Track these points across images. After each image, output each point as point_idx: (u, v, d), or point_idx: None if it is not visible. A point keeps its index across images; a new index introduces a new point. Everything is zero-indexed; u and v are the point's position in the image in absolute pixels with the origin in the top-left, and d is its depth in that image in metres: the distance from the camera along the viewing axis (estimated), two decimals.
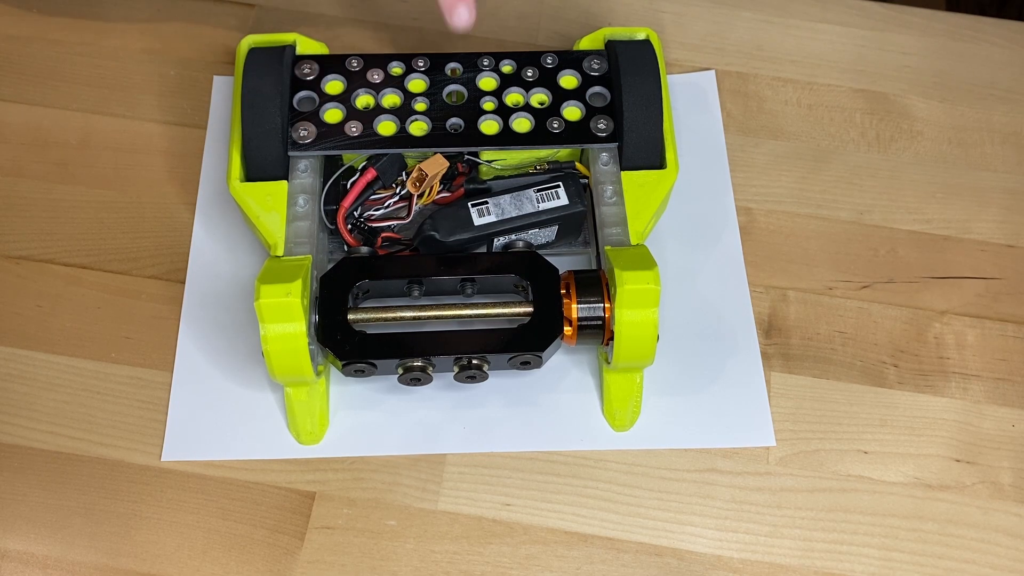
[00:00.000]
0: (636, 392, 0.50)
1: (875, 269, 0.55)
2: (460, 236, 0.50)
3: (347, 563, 0.47)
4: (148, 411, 0.50)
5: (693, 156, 0.57)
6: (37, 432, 0.50)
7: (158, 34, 0.61)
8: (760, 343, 0.53)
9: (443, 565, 0.47)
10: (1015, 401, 0.52)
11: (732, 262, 0.55)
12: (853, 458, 0.51)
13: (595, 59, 0.54)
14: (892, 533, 0.49)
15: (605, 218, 0.50)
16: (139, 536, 0.48)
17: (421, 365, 0.47)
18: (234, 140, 0.51)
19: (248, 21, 0.62)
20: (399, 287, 0.49)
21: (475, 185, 0.52)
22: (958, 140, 0.60)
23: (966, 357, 0.53)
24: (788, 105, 0.60)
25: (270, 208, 0.49)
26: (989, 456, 0.51)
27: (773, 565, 0.48)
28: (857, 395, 0.52)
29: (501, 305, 0.48)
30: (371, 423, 0.50)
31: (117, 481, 0.49)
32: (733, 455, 0.50)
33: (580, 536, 0.48)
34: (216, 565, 0.47)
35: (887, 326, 0.54)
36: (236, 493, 0.49)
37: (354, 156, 0.52)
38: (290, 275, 0.45)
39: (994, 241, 0.56)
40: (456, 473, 0.49)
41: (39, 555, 0.47)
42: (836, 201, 0.57)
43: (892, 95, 0.61)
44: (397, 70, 0.53)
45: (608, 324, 0.47)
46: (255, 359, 0.51)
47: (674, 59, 0.61)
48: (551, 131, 0.52)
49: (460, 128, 0.52)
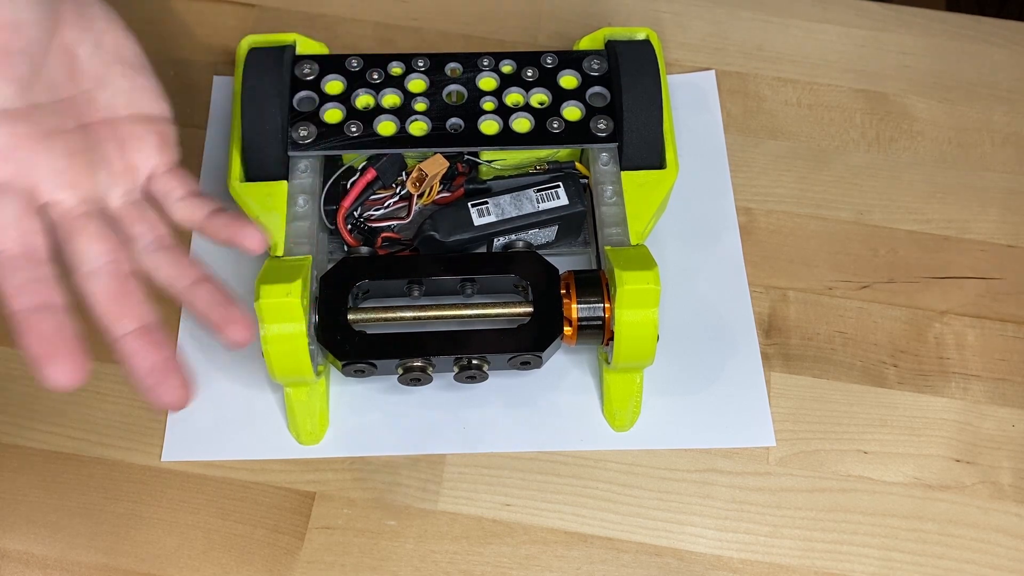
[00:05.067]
0: (636, 392, 0.50)
1: (875, 269, 0.55)
2: (460, 236, 0.50)
3: (347, 563, 0.47)
4: (148, 411, 0.50)
5: (693, 156, 0.57)
6: (37, 432, 0.50)
7: (158, 34, 0.61)
8: (760, 343, 0.53)
9: (443, 565, 0.47)
10: (1015, 401, 0.52)
11: (732, 262, 0.55)
12: (853, 458, 0.51)
13: (595, 59, 0.54)
14: (892, 533, 0.49)
15: (605, 218, 0.50)
16: (139, 536, 0.48)
17: (421, 365, 0.47)
18: (234, 140, 0.51)
19: (248, 21, 0.62)
20: (399, 287, 0.49)
21: (475, 185, 0.52)
22: (958, 140, 0.60)
23: (966, 357, 0.53)
24: (788, 105, 0.60)
25: (270, 208, 0.49)
26: (989, 456, 0.51)
27: (773, 565, 0.48)
28: (857, 395, 0.52)
29: (501, 305, 0.48)
30: (371, 423, 0.50)
31: (117, 481, 0.49)
32: (733, 455, 0.50)
33: (580, 536, 0.48)
34: (216, 565, 0.47)
35: (887, 326, 0.54)
36: (236, 493, 0.49)
37: (354, 156, 0.52)
38: (290, 275, 0.45)
39: (994, 241, 0.56)
40: (456, 473, 0.49)
41: (39, 555, 0.47)
42: (836, 201, 0.57)
43: (892, 95, 0.61)
44: (397, 70, 0.53)
45: (608, 324, 0.47)
46: (255, 359, 0.51)
47: (674, 59, 0.61)
48: (551, 131, 0.52)
49: (460, 128, 0.52)
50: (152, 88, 0.44)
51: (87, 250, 0.39)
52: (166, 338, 0.39)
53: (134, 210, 0.41)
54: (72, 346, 0.36)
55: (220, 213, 0.42)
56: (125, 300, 0.39)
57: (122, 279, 0.39)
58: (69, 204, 0.40)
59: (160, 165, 0.43)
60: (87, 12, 0.42)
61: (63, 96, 0.41)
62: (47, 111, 0.40)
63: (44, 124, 0.40)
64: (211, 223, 0.42)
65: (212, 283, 0.40)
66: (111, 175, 0.41)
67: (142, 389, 0.38)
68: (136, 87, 0.43)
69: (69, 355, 0.36)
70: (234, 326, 0.39)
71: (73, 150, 0.40)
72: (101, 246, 0.39)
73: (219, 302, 0.40)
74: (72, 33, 0.41)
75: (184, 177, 0.43)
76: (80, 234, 0.39)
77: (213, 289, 0.40)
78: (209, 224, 0.42)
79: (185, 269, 0.41)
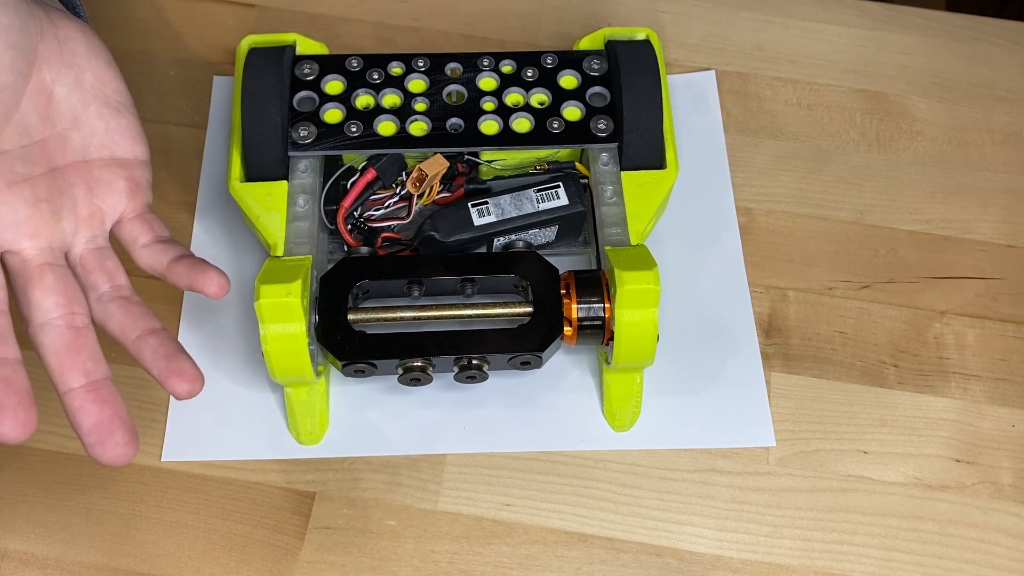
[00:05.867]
0: (636, 392, 0.50)
1: (875, 269, 0.55)
2: (460, 236, 0.50)
3: (347, 563, 0.47)
4: (148, 411, 0.50)
5: (693, 156, 0.58)
6: (37, 432, 0.49)
7: (158, 34, 0.61)
8: (760, 343, 0.53)
9: (443, 565, 0.47)
10: (1015, 401, 0.52)
11: (732, 262, 0.55)
12: (853, 458, 0.51)
13: (595, 59, 0.54)
14: (892, 533, 0.49)
15: (605, 218, 0.50)
16: (139, 536, 0.48)
17: (421, 365, 0.47)
18: (234, 140, 0.51)
19: (248, 21, 0.62)
20: (399, 287, 0.49)
21: (475, 185, 0.52)
22: (958, 140, 0.60)
23: (966, 357, 0.53)
24: (788, 105, 0.60)
25: (270, 208, 0.49)
26: (989, 456, 0.51)
27: (773, 565, 0.48)
28: (857, 395, 0.52)
29: (501, 305, 0.48)
30: (371, 423, 0.50)
31: (117, 481, 0.49)
32: (733, 455, 0.50)
33: (580, 536, 0.48)
34: (216, 565, 0.47)
35: (887, 326, 0.54)
36: (236, 493, 0.49)
37: (354, 156, 0.52)
38: (290, 275, 0.45)
39: (994, 241, 0.56)
40: (456, 473, 0.50)
41: (39, 555, 0.47)
42: (836, 201, 0.57)
43: (892, 95, 0.61)
44: (397, 70, 0.53)
45: (608, 324, 0.47)
46: (255, 359, 0.51)
47: (674, 59, 0.61)
48: (551, 131, 0.52)
49: (460, 128, 0.52)
50: (130, 129, 0.43)
51: (42, 302, 0.38)
52: (113, 394, 0.38)
53: (95, 257, 0.41)
54: (21, 401, 0.36)
55: (183, 260, 0.41)
56: (75, 354, 0.38)
57: (75, 333, 0.38)
58: (29, 254, 0.39)
59: (129, 211, 0.42)
60: (68, 47, 0.41)
61: (35, 139, 0.40)
62: (15, 157, 0.39)
63: (10, 172, 0.39)
64: (173, 269, 0.41)
65: (160, 336, 0.40)
66: (76, 221, 0.40)
67: (85, 445, 0.38)
68: (112, 128, 0.42)
69: (14, 410, 0.36)
70: (178, 378, 0.39)
71: (38, 198, 0.39)
72: (56, 298, 0.39)
73: (165, 354, 0.39)
74: (51, 72, 0.40)
75: (152, 222, 0.42)
76: (37, 285, 0.39)
77: (161, 341, 0.39)
78: (171, 271, 0.41)
79: (136, 320, 0.40)
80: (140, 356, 0.39)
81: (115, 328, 0.40)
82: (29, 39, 0.39)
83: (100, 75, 0.42)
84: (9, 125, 0.39)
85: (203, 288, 0.41)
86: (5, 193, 0.39)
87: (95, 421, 0.38)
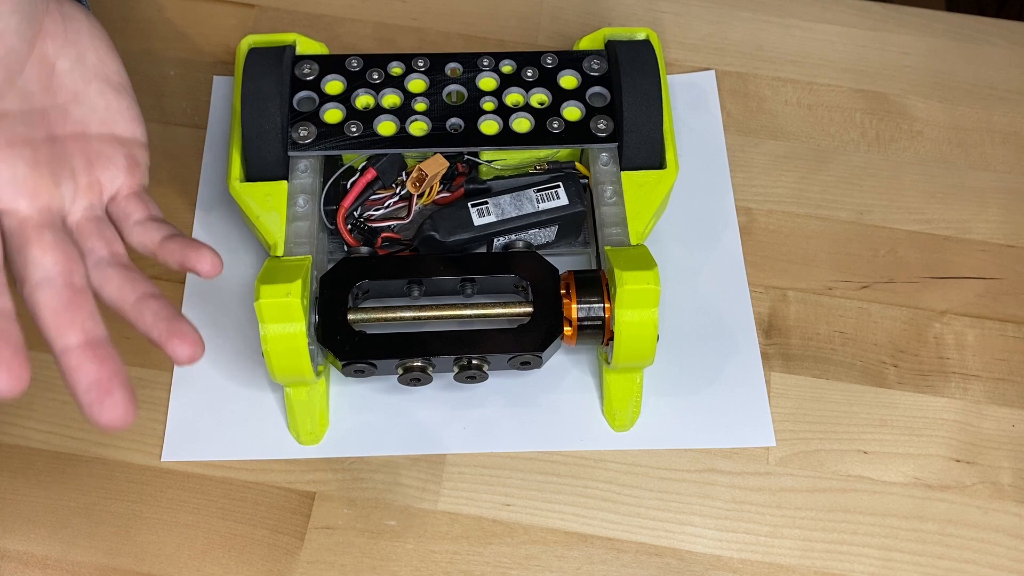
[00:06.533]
0: (636, 392, 0.50)
1: (875, 269, 0.55)
2: (460, 236, 0.50)
3: (347, 563, 0.47)
4: (148, 411, 0.50)
5: (693, 156, 0.58)
6: (37, 432, 0.50)
7: (158, 34, 0.61)
8: (760, 343, 0.53)
9: (443, 565, 0.47)
10: (1015, 401, 0.52)
11: (732, 262, 0.55)
12: (853, 458, 0.51)
13: (595, 59, 0.54)
14: (892, 533, 0.49)
15: (605, 218, 0.50)
16: (139, 536, 0.48)
17: (421, 365, 0.47)
18: (234, 140, 0.51)
19: (248, 21, 0.62)
20: (399, 287, 0.49)
21: (475, 185, 0.52)
22: (958, 140, 0.60)
23: (966, 357, 0.53)
24: (788, 105, 0.60)
25: (270, 208, 0.49)
26: (989, 456, 0.51)
27: (773, 565, 0.48)
28: (857, 395, 0.52)
29: (501, 305, 0.48)
30: (371, 423, 0.50)
31: (117, 481, 0.49)
32: (733, 455, 0.50)
33: (580, 536, 0.48)
34: (216, 565, 0.47)
35: (887, 326, 0.54)
36: (236, 493, 0.49)
37: (354, 156, 0.52)
38: (290, 275, 0.45)
39: (994, 241, 0.56)
40: (456, 473, 0.50)
41: (39, 555, 0.47)
42: (836, 201, 0.57)
43: (892, 95, 0.61)
44: (397, 70, 0.53)
45: (608, 324, 0.47)
46: (255, 359, 0.51)
47: (674, 59, 0.61)
48: (551, 131, 0.52)
49: (460, 128, 0.52)
50: (130, 110, 0.43)
51: (40, 260, 0.37)
52: (113, 354, 0.37)
53: (93, 224, 0.40)
54: (15, 353, 0.35)
55: (175, 238, 0.41)
56: (73, 312, 0.37)
57: (73, 291, 0.37)
58: (27, 213, 0.38)
59: (125, 187, 0.41)
60: (72, 26, 0.41)
61: (36, 106, 0.40)
62: (16, 119, 0.39)
63: (11, 131, 0.39)
64: (165, 247, 0.40)
65: (159, 300, 0.39)
66: (75, 189, 0.40)
67: (81, 406, 0.36)
68: (112, 107, 0.42)
69: (8, 363, 0.35)
70: (179, 340, 0.37)
71: (38, 160, 0.39)
72: (55, 255, 0.38)
73: (164, 317, 0.38)
74: (54, 46, 0.40)
75: (147, 201, 0.42)
76: (35, 243, 0.38)
77: (160, 306, 0.38)
78: (163, 248, 0.40)
79: (136, 284, 0.39)
80: (139, 319, 0.38)
81: (113, 292, 0.39)
82: (35, 9, 0.39)
83: (102, 56, 0.42)
84: (13, 89, 0.39)
85: (195, 266, 0.40)
86: (4, 151, 0.38)
87: (93, 379, 0.36)
